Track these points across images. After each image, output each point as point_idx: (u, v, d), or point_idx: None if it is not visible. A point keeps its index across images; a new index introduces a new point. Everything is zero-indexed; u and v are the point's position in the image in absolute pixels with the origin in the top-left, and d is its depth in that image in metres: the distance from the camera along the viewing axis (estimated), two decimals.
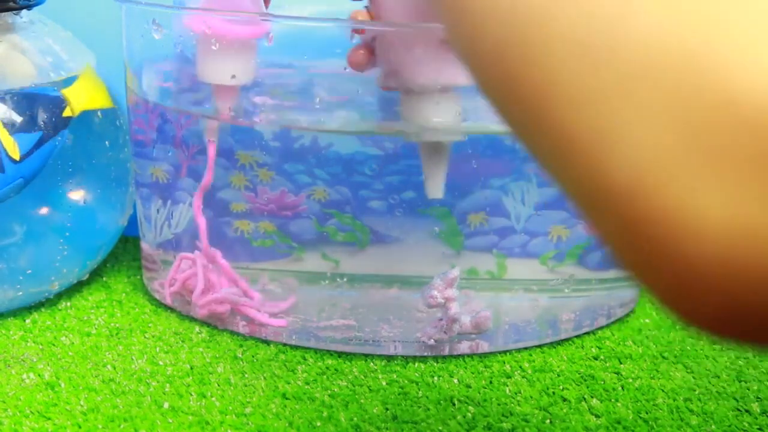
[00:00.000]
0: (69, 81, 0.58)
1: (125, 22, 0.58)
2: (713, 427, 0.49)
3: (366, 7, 0.51)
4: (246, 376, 0.53)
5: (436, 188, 0.53)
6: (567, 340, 0.59)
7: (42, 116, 0.55)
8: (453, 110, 0.51)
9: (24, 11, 0.59)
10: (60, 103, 0.56)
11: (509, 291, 0.58)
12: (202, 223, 0.57)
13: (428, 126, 0.51)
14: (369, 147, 0.54)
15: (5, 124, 0.54)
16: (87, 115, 0.60)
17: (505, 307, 0.58)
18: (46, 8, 0.60)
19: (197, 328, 0.59)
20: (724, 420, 0.50)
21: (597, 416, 0.50)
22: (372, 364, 0.55)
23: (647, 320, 0.63)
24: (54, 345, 0.56)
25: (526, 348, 0.58)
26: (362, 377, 0.53)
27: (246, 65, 0.53)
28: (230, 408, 0.49)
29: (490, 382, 0.53)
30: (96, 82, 0.61)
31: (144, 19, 0.55)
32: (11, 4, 0.57)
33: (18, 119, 0.54)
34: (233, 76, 0.52)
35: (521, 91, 0.24)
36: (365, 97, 0.56)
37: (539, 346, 0.58)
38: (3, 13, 0.57)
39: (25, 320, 0.59)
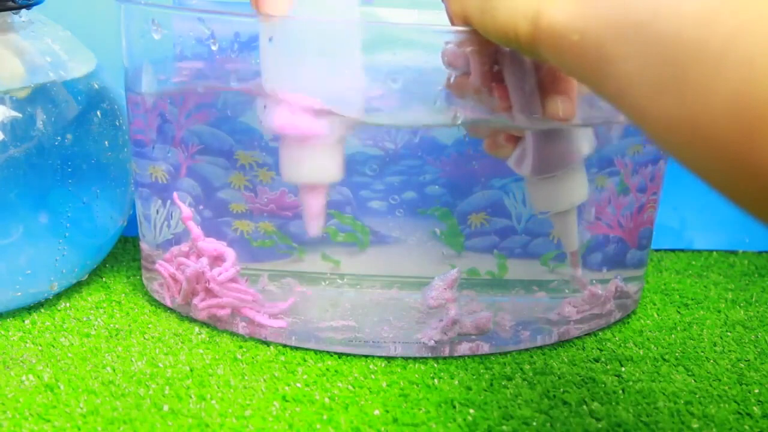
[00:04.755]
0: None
1: (124, 21, 0.57)
2: (714, 430, 0.49)
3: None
4: (246, 378, 0.53)
5: (572, 243, 0.56)
6: (568, 341, 0.59)
7: None
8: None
9: (23, 11, 0.59)
10: None
11: (510, 291, 0.58)
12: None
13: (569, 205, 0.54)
14: (369, 147, 0.54)
15: None
16: (86, 115, 0.59)
17: (506, 307, 0.58)
18: (46, 8, 0.60)
19: (197, 329, 0.59)
20: (725, 423, 0.50)
21: (598, 419, 0.50)
22: (372, 365, 0.55)
23: (648, 321, 0.63)
24: (53, 346, 0.55)
25: (526, 349, 0.58)
26: (362, 379, 0.53)
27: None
28: (230, 410, 0.49)
29: (491, 385, 0.53)
30: None
31: (143, 18, 0.55)
32: (10, 3, 0.57)
33: None
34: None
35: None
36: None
37: (540, 348, 0.58)
38: (2, 13, 0.57)
39: (24, 321, 0.59)
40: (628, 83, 0.34)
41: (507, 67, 0.49)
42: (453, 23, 0.47)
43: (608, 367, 0.56)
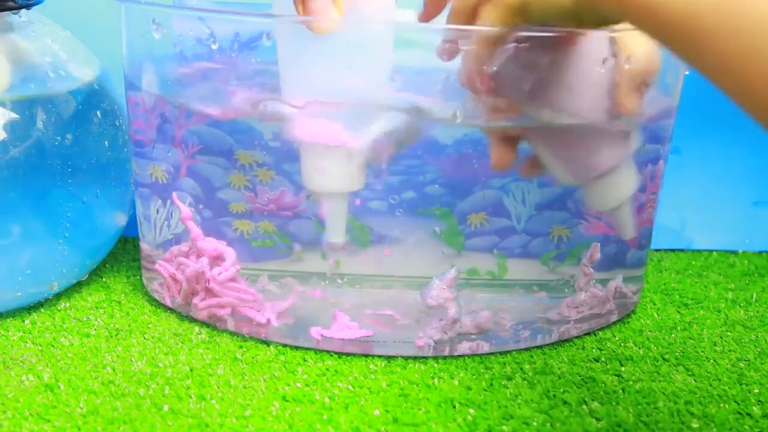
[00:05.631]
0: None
1: (125, 21, 0.57)
2: (714, 430, 0.49)
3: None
4: (246, 377, 0.53)
5: (629, 232, 0.57)
6: (568, 341, 0.59)
7: None
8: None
9: (23, 11, 0.59)
10: None
11: (510, 291, 0.58)
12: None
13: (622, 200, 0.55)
14: None
15: None
16: (86, 115, 0.59)
17: (506, 307, 0.58)
18: (46, 8, 0.60)
19: (197, 329, 0.59)
20: (725, 423, 0.50)
21: (598, 419, 0.50)
22: (372, 364, 0.55)
23: (648, 321, 0.63)
24: (53, 346, 0.55)
25: (526, 348, 0.58)
26: (362, 378, 0.53)
27: None
28: (230, 410, 0.49)
29: (491, 384, 0.53)
30: None
31: (144, 18, 0.55)
32: (10, 3, 0.57)
33: None
34: None
35: None
36: None
37: (540, 347, 0.58)
38: (2, 13, 0.57)
39: (24, 321, 0.59)
40: (734, 61, 0.31)
41: (502, 67, 0.49)
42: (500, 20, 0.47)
43: (608, 366, 0.56)
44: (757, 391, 0.54)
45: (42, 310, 0.61)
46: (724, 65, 0.32)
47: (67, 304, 0.62)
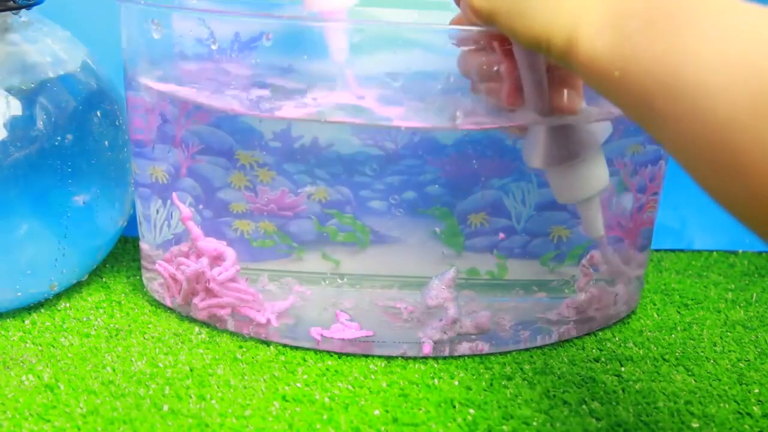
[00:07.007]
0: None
1: (124, 21, 0.57)
2: (714, 430, 0.49)
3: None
4: (246, 377, 0.53)
5: (597, 229, 0.53)
6: (568, 341, 0.59)
7: None
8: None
9: (23, 11, 0.59)
10: None
11: (510, 292, 0.58)
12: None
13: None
14: (370, 147, 0.54)
15: None
16: (86, 115, 0.59)
17: (506, 307, 0.58)
18: (46, 8, 0.60)
19: (197, 329, 0.59)
20: (725, 423, 0.50)
21: (598, 419, 0.50)
22: (372, 365, 0.55)
23: (648, 321, 0.63)
24: (53, 346, 0.55)
25: (526, 349, 0.58)
26: (362, 378, 0.53)
27: None
28: (230, 410, 0.49)
29: (491, 384, 0.53)
30: None
31: (143, 18, 0.55)
32: (10, 3, 0.57)
33: None
34: None
35: None
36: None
37: (540, 347, 0.58)
38: (2, 13, 0.57)
39: (24, 321, 0.59)
40: (680, 145, 0.33)
41: (522, 66, 0.48)
42: (469, 21, 0.47)
43: (608, 367, 0.56)
44: (757, 391, 0.54)
45: (42, 310, 0.61)
46: (674, 146, 0.34)
47: (67, 304, 0.62)
